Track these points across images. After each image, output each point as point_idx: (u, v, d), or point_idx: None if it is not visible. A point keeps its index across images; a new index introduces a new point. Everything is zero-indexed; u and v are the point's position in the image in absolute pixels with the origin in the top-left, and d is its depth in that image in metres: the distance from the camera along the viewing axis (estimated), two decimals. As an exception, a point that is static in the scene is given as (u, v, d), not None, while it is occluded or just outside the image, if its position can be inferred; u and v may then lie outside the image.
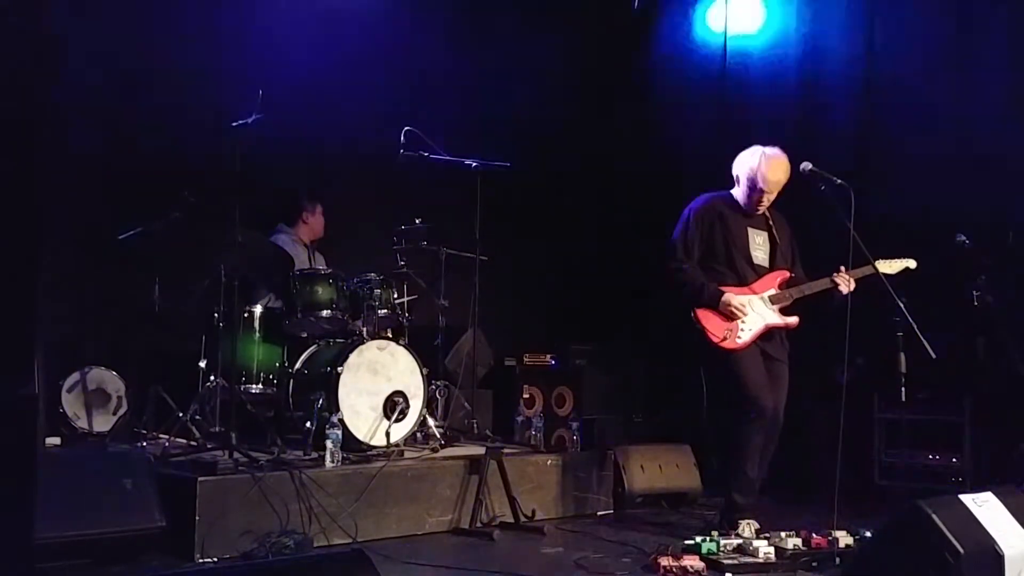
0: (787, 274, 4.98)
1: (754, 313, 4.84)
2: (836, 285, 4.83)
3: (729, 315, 4.79)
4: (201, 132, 5.83)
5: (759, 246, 4.99)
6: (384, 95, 7.09)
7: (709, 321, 4.81)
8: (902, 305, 4.56)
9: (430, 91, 7.37)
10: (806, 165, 4.73)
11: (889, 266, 4.79)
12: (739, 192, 4.98)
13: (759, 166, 4.84)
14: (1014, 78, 6.17)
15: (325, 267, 5.93)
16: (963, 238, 5.10)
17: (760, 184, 4.84)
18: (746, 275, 4.92)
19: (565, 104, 8.13)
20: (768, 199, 4.92)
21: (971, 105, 6.29)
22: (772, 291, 4.92)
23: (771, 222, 5.04)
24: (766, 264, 4.99)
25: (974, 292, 5.17)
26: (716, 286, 4.83)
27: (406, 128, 5.86)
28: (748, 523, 4.60)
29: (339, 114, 6.86)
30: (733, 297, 4.79)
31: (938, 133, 6.37)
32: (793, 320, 4.92)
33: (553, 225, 8.18)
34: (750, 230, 4.98)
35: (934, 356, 4.44)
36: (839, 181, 4.64)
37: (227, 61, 6.24)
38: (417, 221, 5.99)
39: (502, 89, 7.77)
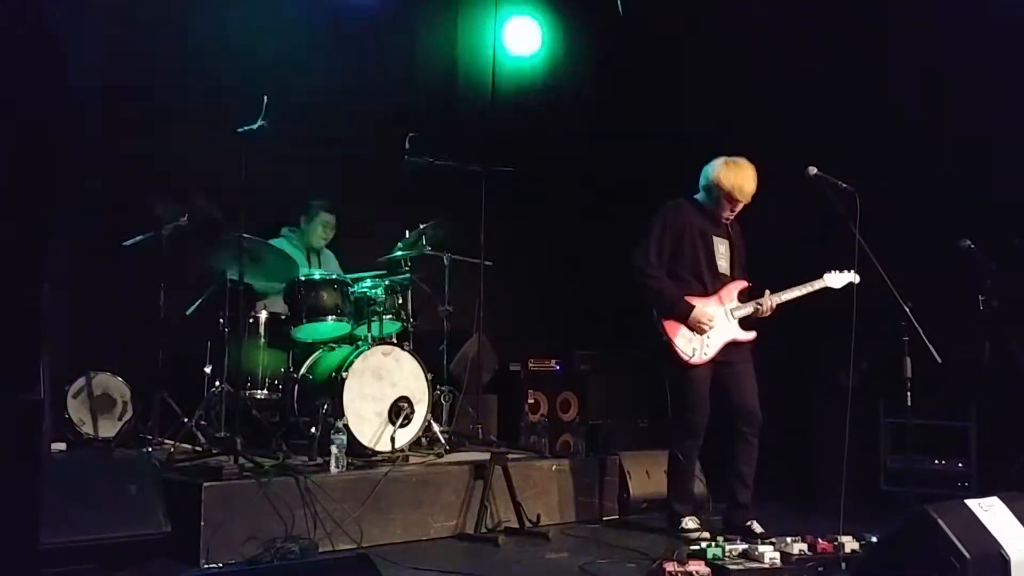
0: (746, 284, 5.08)
1: (718, 328, 4.94)
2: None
3: (696, 329, 4.89)
4: (207, 138, 5.85)
5: (722, 255, 5.09)
6: (388, 100, 7.11)
7: (676, 334, 4.91)
8: (908, 310, 4.55)
9: (434, 95, 7.39)
10: (812, 169, 4.73)
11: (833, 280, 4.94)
12: (708, 201, 5.05)
13: (735, 178, 4.92)
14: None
15: (332, 272, 5.93)
16: (968, 243, 5.09)
17: (737, 195, 4.93)
18: (710, 284, 5.01)
19: (570, 109, 8.14)
20: (735, 209, 5.01)
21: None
22: (734, 303, 5.01)
23: (730, 232, 5.13)
24: (728, 272, 5.09)
25: (980, 297, 5.16)
26: (686, 300, 4.91)
27: (410, 135, 5.87)
28: (690, 518, 4.94)
29: (344, 119, 6.87)
30: (702, 312, 4.89)
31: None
32: (751, 335, 5.01)
33: (558, 230, 8.18)
34: (715, 238, 5.07)
35: (940, 361, 4.44)
36: (843, 185, 4.64)
37: (233, 67, 6.26)
38: (421, 226, 6.00)
39: (505, 94, 7.79)
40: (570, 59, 8.31)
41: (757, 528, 4.81)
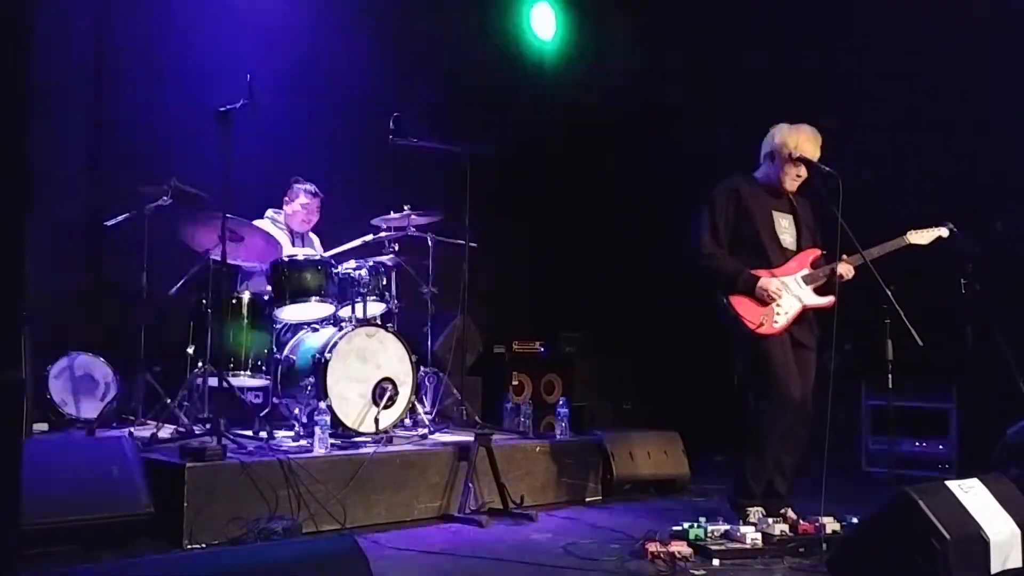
0: (819, 252, 4.81)
1: (789, 295, 4.70)
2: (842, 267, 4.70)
3: (764, 300, 4.65)
4: (188, 117, 5.81)
5: (785, 229, 4.84)
6: (373, 79, 7.07)
7: (743, 307, 4.66)
8: (889, 292, 4.56)
9: (420, 75, 7.35)
10: (794, 152, 4.73)
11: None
12: (769, 171, 4.83)
13: (797, 137, 4.71)
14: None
15: (316, 253, 5.91)
16: (951, 226, 5.11)
17: (798, 156, 4.70)
18: (775, 258, 4.76)
19: (556, 91, 8.12)
20: (801, 175, 4.78)
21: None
22: (806, 271, 4.78)
23: (795, 205, 4.90)
24: (794, 248, 4.84)
25: (962, 280, 5.18)
26: (750, 272, 4.68)
27: (395, 115, 5.83)
28: (757, 510, 4.56)
29: (328, 99, 6.84)
30: (768, 282, 4.65)
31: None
32: (829, 300, 4.73)
33: (543, 212, 8.18)
34: (775, 213, 4.84)
35: (921, 343, 4.45)
36: (827, 169, 4.64)
37: (214, 45, 6.21)
38: (406, 208, 5.98)
39: (493, 74, 7.76)
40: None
41: (791, 515, 4.60)
